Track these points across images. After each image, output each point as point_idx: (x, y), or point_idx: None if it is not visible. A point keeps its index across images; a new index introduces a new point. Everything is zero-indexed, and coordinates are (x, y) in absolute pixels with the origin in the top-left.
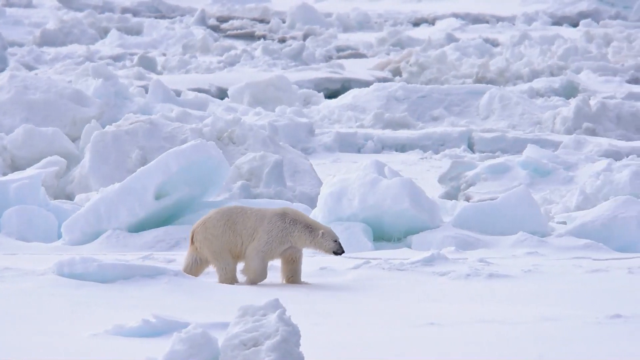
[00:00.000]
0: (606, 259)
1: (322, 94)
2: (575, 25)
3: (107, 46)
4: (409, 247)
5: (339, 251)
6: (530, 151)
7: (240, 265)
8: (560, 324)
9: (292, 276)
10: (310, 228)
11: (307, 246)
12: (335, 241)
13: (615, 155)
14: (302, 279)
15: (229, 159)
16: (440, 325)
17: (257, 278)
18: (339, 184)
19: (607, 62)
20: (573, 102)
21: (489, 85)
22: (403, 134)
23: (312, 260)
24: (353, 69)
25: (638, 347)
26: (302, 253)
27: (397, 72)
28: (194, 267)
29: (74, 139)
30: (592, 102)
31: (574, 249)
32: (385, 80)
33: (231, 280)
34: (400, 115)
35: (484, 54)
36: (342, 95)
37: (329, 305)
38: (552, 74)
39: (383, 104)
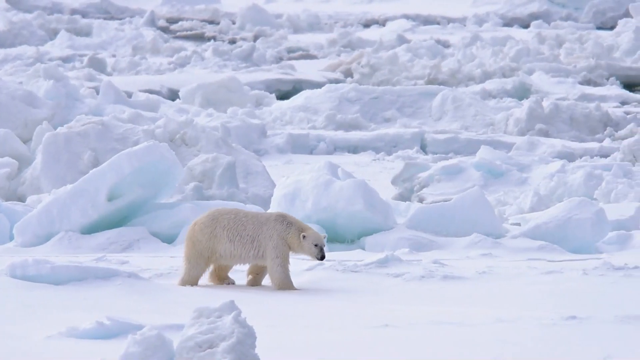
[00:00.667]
0: (561, 261)
1: (274, 95)
2: (526, 26)
3: (57, 47)
4: (363, 248)
5: (317, 256)
6: (483, 152)
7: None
8: (516, 326)
9: (257, 277)
10: (301, 231)
11: (297, 250)
12: (316, 245)
13: (569, 156)
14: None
15: (181, 160)
16: (394, 327)
17: (284, 285)
18: (293, 186)
19: (559, 64)
20: (526, 103)
21: (441, 86)
22: (355, 135)
23: None
24: (304, 70)
25: (593, 348)
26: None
27: (348, 74)
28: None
29: (26, 141)
30: (545, 104)
31: (528, 250)
32: (337, 81)
33: (190, 282)
34: (352, 116)
35: (436, 55)
36: (294, 97)
37: (284, 307)
38: (504, 75)
39: (335, 105)
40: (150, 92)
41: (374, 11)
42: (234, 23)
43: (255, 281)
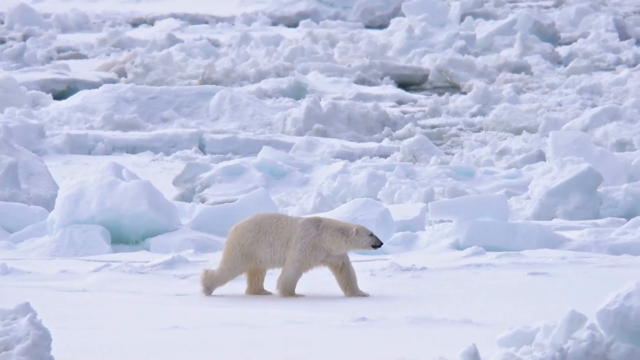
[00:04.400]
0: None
1: (50, 95)
2: (294, 25)
3: None
4: (148, 249)
5: (377, 244)
6: (265, 153)
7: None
8: (306, 327)
9: (348, 285)
10: (343, 230)
11: (342, 249)
12: (371, 235)
13: (349, 156)
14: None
15: None
16: (184, 329)
17: (286, 287)
18: (77, 187)
19: (333, 63)
20: (303, 103)
21: (218, 86)
22: (133, 135)
23: (51, 262)
24: (78, 70)
25: (382, 349)
26: (349, 260)
27: (122, 73)
28: (253, 277)
29: None
30: (322, 103)
31: None
32: (111, 81)
33: (216, 285)
34: (130, 116)
35: (210, 54)
36: (72, 97)
37: (76, 309)
38: (278, 75)
39: (113, 105)
40: None
41: (142, 10)
42: (2, 23)
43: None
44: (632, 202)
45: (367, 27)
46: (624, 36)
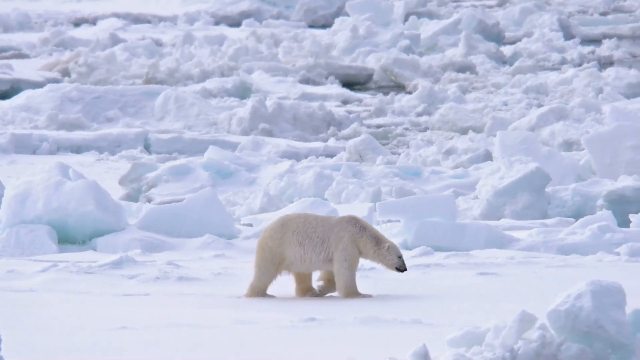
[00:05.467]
0: None
1: None
2: (237, 25)
3: None
4: (95, 249)
5: (402, 268)
6: (211, 152)
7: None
8: (255, 328)
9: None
10: (377, 239)
11: (368, 257)
12: (400, 257)
13: (294, 156)
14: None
15: None
16: (132, 329)
17: (349, 291)
18: (23, 186)
19: (278, 63)
20: (249, 102)
21: (163, 86)
22: (78, 135)
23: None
24: (22, 69)
25: (331, 350)
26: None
27: (66, 73)
28: (299, 277)
29: None
30: (268, 103)
31: None
32: (55, 81)
33: (261, 293)
34: (74, 116)
35: (153, 54)
36: (16, 96)
37: (24, 309)
38: (223, 75)
39: (57, 105)
40: None
41: (84, 10)
42: None
43: (326, 288)
44: (580, 202)
45: (310, 26)
46: (568, 36)
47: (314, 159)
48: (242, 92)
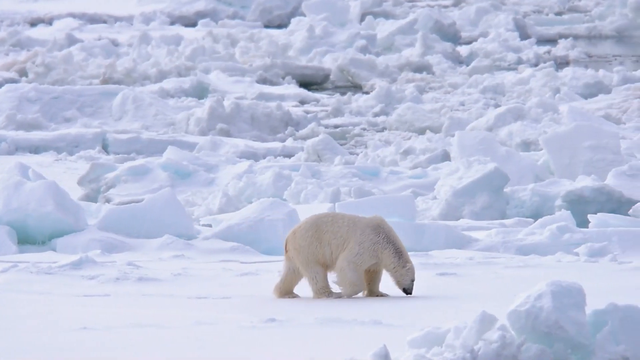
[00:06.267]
0: (254, 262)
1: None
2: (193, 25)
3: None
4: (54, 250)
5: (409, 291)
6: (170, 153)
7: (330, 276)
8: (215, 328)
9: (370, 284)
10: (400, 254)
11: (388, 269)
12: (412, 281)
13: (253, 156)
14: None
15: None
16: (93, 330)
17: (354, 289)
18: None
19: (235, 63)
20: (207, 102)
21: (121, 86)
22: (36, 135)
23: None
24: None
25: (292, 350)
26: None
27: (23, 73)
28: (289, 277)
29: None
30: (226, 103)
31: (221, 252)
32: (13, 81)
33: (324, 289)
34: (32, 116)
35: (110, 54)
36: None
37: None
38: (180, 75)
39: (15, 105)
40: None
41: (39, 10)
42: None
43: (370, 291)
44: (539, 202)
45: (266, 26)
46: (524, 36)
47: (272, 159)
48: (200, 92)
